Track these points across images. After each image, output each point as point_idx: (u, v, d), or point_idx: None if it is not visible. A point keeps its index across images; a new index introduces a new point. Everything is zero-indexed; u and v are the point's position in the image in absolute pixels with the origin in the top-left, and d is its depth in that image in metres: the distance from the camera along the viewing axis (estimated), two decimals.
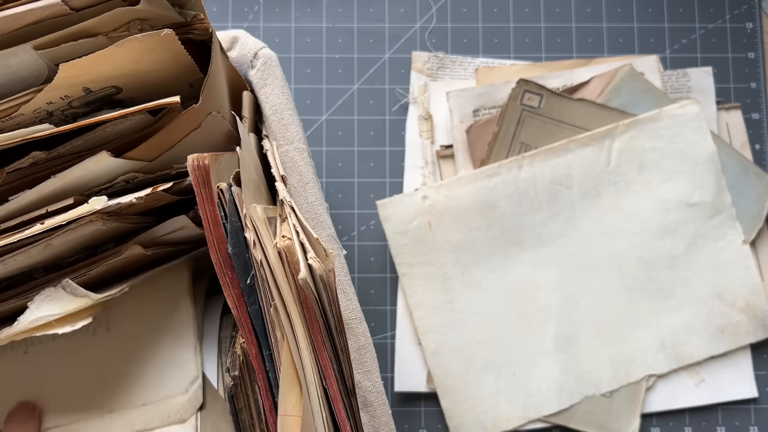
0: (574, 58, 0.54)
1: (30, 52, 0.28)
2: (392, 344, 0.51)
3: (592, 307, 0.51)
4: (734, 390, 0.51)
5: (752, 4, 0.55)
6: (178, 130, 0.32)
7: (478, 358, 0.50)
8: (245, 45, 0.40)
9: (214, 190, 0.30)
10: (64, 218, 0.30)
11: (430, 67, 0.54)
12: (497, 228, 0.51)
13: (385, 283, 0.52)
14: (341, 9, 0.55)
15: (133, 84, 0.32)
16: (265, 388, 0.30)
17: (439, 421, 0.51)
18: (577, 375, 0.50)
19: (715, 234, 0.51)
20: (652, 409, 0.50)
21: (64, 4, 0.28)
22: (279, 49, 0.54)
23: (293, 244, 0.30)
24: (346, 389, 0.31)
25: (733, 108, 0.54)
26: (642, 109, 0.52)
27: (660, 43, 0.55)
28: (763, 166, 0.53)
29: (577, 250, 0.51)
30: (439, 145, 0.53)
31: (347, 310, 0.38)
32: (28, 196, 0.31)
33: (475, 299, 0.50)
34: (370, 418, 0.37)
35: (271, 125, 0.39)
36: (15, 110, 0.30)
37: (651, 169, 0.51)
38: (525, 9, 0.55)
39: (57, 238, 0.31)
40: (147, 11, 0.29)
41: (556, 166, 0.51)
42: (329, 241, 0.38)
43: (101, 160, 0.30)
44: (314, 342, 0.30)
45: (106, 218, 0.31)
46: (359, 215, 0.53)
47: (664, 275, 0.51)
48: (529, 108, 0.52)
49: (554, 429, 0.50)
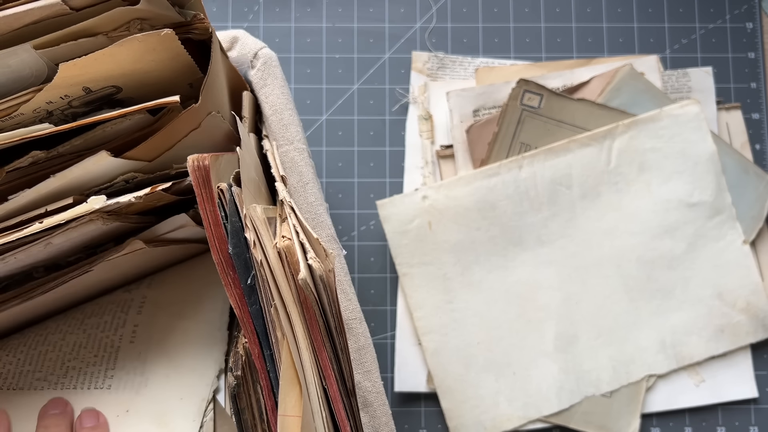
0: (574, 58, 0.54)
1: (30, 51, 0.28)
2: (392, 344, 0.51)
3: (592, 307, 0.51)
4: (734, 390, 0.51)
5: (752, 4, 0.55)
6: (177, 130, 0.32)
7: (478, 358, 0.50)
8: (245, 45, 0.40)
9: (214, 191, 0.30)
10: (63, 217, 0.30)
11: (430, 67, 0.54)
12: (497, 228, 0.51)
13: (385, 283, 0.52)
14: (341, 9, 0.55)
15: (133, 84, 0.32)
16: (267, 388, 0.30)
17: (439, 422, 0.51)
18: (578, 375, 0.50)
19: (715, 234, 0.51)
20: (652, 409, 0.50)
21: (64, 4, 0.28)
22: (279, 49, 0.54)
23: (293, 244, 0.30)
24: (346, 389, 0.31)
25: (733, 108, 0.54)
26: (642, 109, 0.52)
27: (660, 43, 0.55)
28: (763, 166, 0.53)
29: (577, 250, 0.51)
30: (439, 145, 0.53)
31: (347, 311, 0.38)
32: (27, 195, 0.31)
33: (475, 299, 0.50)
34: (370, 419, 0.37)
35: (271, 125, 0.39)
36: (15, 110, 0.30)
37: (651, 169, 0.51)
38: (525, 9, 0.55)
39: (57, 237, 0.31)
40: (147, 11, 0.29)
41: (556, 166, 0.51)
42: (329, 241, 0.38)
43: (101, 160, 0.30)
44: (314, 342, 0.30)
45: (105, 217, 0.31)
46: (359, 215, 0.53)
47: (664, 275, 0.51)
48: (529, 108, 0.52)
49: (554, 429, 0.50)
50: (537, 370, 0.50)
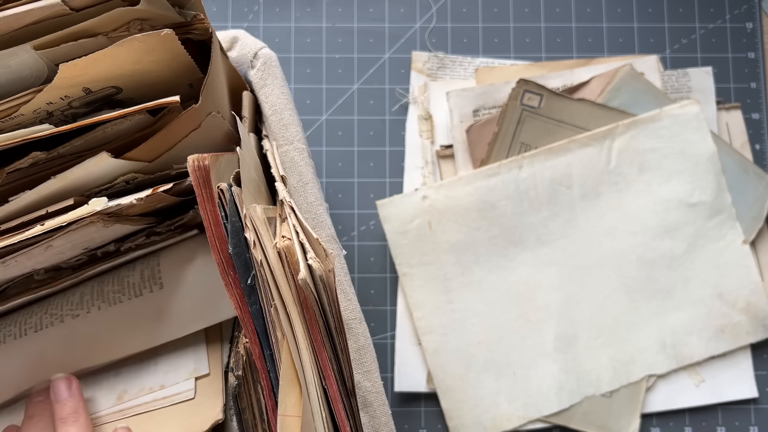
0: (574, 58, 0.54)
1: (30, 52, 0.28)
2: (392, 344, 0.51)
3: (593, 307, 0.51)
4: (734, 390, 0.51)
5: (752, 4, 0.55)
6: (177, 131, 0.32)
7: (478, 358, 0.50)
8: (245, 45, 0.40)
9: (214, 191, 0.30)
10: (65, 219, 0.30)
11: (430, 67, 0.54)
12: (497, 228, 0.51)
13: (385, 283, 0.52)
14: (341, 9, 0.55)
15: (133, 84, 0.32)
16: (268, 388, 0.30)
17: (439, 421, 0.51)
18: (578, 375, 0.50)
19: (715, 234, 0.51)
20: (652, 409, 0.50)
21: (64, 5, 0.28)
22: (279, 49, 0.54)
23: (293, 244, 0.30)
24: (346, 389, 0.31)
25: (733, 108, 0.54)
26: (642, 109, 0.52)
27: (660, 43, 0.55)
28: (763, 166, 0.53)
29: (577, 250, 0.51)
30: (439, 145, 0.53)
31: (347, 311, 0.38)
32: (28, 196, 0.31)
33: (475, 299, 0.50)
34: (369, 419, 0.37)
35: (270, 125, 0.39)
36: (15, 110, 0.30)
37: (651, 169, 0.51)
38: (525, 9, 0.55)
39: (58, 239, 0.31)
40: (147, 11, 0.29)
41: (556, 166, 0.51)
42: (329, 241, 0.38)
43: (101, 161, 0.30)
44: (314, 342, 0.30)
45: (106, 219, 0.31)
46: (359, 215, 0.53)
47: (664, 275, 0.51)
48: (529, 108, 0.52)
49: (554, 429, 0.50)
50: (537, 370, 0.50)
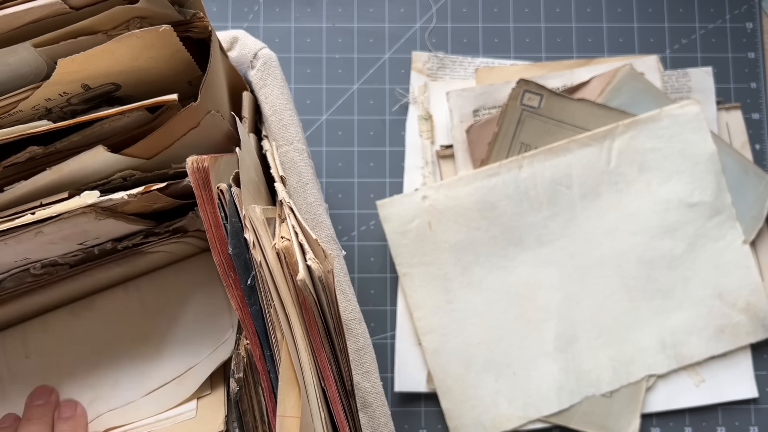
0: (574, 58, 0.54)
1: (29, 49, 0.28)
2: (392, 344, 0.51)
3: (593, 307, 0.50)
4: (734, 390, 0.51)
5: (752, 4, 0.55)
6: (176, 128, 0.32)
7: (478, 358, 0.50)
8: (245, 45, 0.40)
9: (214, 192, 0.30)
10: (55, 210, 0.29)
11: (430, 67, 0.54)
12: (497, 228, 0.51)
13: (385, 283, 0.52)
14: (341, 9, 0.55)
15: (132, 81, 0.32)
16: (269, 389, 0.30)
17: (439, 422, 0.50)
18: (578, 375, 0.50)
19: (715, 234, 0.51)
20: (652, 409, 0.50)
21: (64, 3, 0.28)
22: (279, 49, 0.54)
23: (292, 245, 0.30)
24: (345, 390, 0.31)
25: (733, 108, 0.54)
26: (642, 109, 0.52)
27: (660, 43, 0.55)
28: (763, 166, 0.53)
29: (577, 250, 0.51)
30: (439, 145, 0.53)
31: (346, 311, 0.38)
32: (23, 187, 0.31)
33: (475, 299, 0.50)
34: (369, 419, 0.37)
35: (270, 126, 0.39)
36: (14, 107, 0.30)
37: (651, 169, 0.51)
38: (525, 9, 0.55)
39: (48, 227, 0.31)
40: (146, 9, 0.29)
41: (556, 166, 0.51)
42: (328, 241, 0.38)
43: (97, 154, 0.30)
44: (313, 343, 0.30)
45: (99, 212, 0.31)
46: (359, 215, 0.53)
47: (664, 275, 0.51)
48: (529, 108, 0.51)
49: (554, 429, 0.50)
50: (537, 370, 0.50)
